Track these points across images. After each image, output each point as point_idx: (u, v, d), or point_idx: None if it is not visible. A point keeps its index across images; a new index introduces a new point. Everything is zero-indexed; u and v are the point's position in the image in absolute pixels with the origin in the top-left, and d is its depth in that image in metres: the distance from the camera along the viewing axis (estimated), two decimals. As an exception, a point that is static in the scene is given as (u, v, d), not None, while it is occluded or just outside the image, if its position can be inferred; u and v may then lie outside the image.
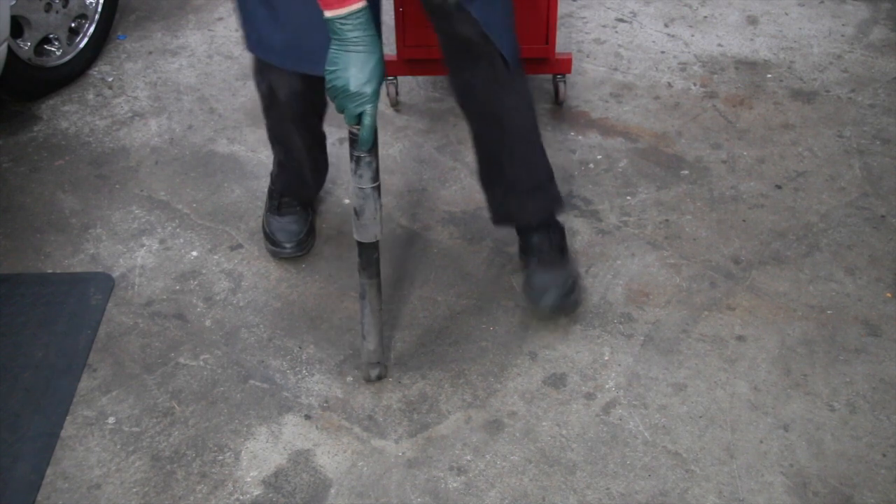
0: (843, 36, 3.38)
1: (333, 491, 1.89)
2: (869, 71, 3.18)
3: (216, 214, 2.60)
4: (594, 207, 2.60)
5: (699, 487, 1.88)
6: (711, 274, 2.38)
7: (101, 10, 3.23)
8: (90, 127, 2.96)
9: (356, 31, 1.63)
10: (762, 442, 1.97)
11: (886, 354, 2.16)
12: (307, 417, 2.04)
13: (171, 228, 2.56)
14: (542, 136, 2.24)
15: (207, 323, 2.27)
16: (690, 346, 2.19)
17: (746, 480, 1.89)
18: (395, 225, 2.55)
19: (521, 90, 2.14)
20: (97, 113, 3.03)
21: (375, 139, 1.75)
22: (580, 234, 2.51)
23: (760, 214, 2.57)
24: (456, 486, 1.89)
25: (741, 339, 2.20)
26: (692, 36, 3.39)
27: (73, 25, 3.14)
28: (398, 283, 2.37)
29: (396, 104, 3.00)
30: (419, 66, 2.90)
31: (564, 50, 3.27)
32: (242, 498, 1.88)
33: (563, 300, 2.20)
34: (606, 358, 2.16)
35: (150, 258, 2.46)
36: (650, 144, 2.85)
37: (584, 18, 3.51)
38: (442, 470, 1.92)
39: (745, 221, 2.55)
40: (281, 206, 2.45)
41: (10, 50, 2.81)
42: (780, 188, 2.67)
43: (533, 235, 2.28)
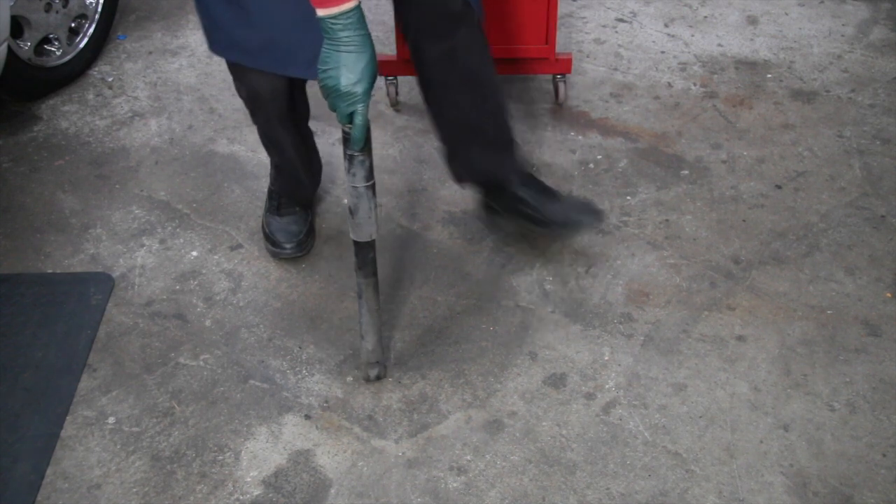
0: (843, 36, 3.38)
1: (333, 491, 1.89)
2: (869, 71, 3.18)
3: (216, 214, 2.60)
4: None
5: (699, 487, 1.88)
6: (711, 274, 2.38)
7: (101, 10, 3.23)
8: (90, 127, 2.96)
9: (347, 30, 1.63)
10: (762, 442, 1.97)
11: (886, 354, 2.16)
12: (307, 417, 2.04)
13: (171, 228, 2.56)
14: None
15: (207, 323, 2.27)
16: (690, 346, 2.19)
17: (746, 480, 1.89)
18: (394, 225, 2.55)
19: (487, 46, 2.22)
20: (97, 113, 3.03)
21: (368, 138, 1.75)
22: (580, 233, 2.51)
23: (760, 214, 2.57)
24: (456, 486, 1.89)
25: (741, 339, 2.21)
26: (692, 36, 3.39)
27: (73, 25, 3.15)
28: (398, 282, 2.37)
29: (396, 104, 3.00)
30: (419, 66, 2.90)
31: (564, 50, 3.27)
32: (242, 498, 1.88)
33: (588, 214, 2.30)
34: (606, 358, 2.16)
35: (150, 258, 2.46)
36: (650, 144, 2.85)
37: (584, 18, 3.51)
38: (442, 470, 1.92)
39: (745, 221, 2.55)
40: (280, 206, 2.45)
41: (10, 50, 2.81)
42: (780, 188, 2.67)
43: (519, 189, 2.30)
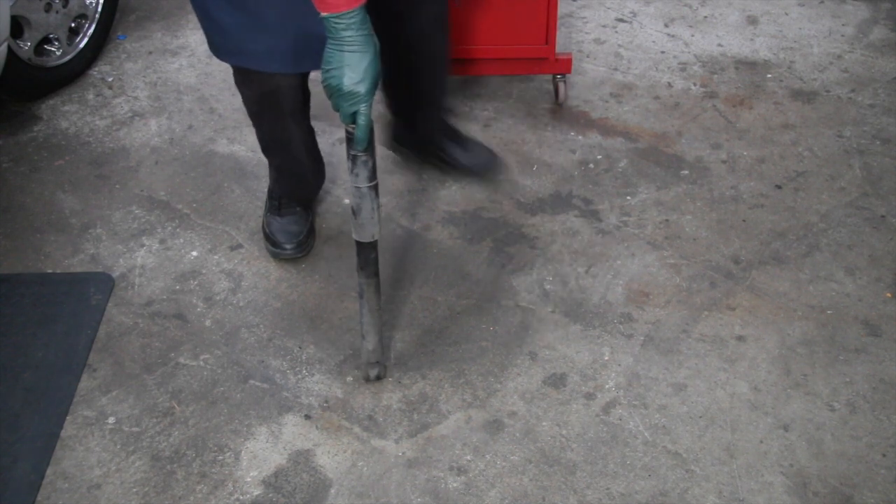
0: (843, 36, 3.38)
1: (333, 491, 1.89)
2: (869, 71, 3.18)
3: (216, 214, 2.60)
4: (594, 207, 2.60)
5: (699, 487, 1.88)
6: (711, 274, 2.38)
7: (101, 10, 3.23)
8: (90, 127, 2.96)
9: (349, 30, 1.63)
10: (762, 442, 1.97)
11: (886, 354, 2.16)
12: (307, 417, 2.04)
13: (171, 228, 2.56)
14: None
15: (207, 323, 2.27)
16: (690, 346, 2.19)
17: (746, 480, 1.89)
18: (394, 225, 2.55)
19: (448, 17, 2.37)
20: (97, 113, 3.03)
21: (372, 138, 1.75)
22: (580, 234, 2.51)
23: (760, 214, 2.57)
24: (456, 486, 1.89)
25: (741, 339, 2.21)
26: (692, 36, 3.39)
27: (73, 25, 3.14)
28: (398, 283, 2.37)
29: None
30: (419, 66, 2.90)
31: (564, 50, 3.27)
32: (242, 498, 1.88)
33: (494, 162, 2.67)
34: (606, 358, 2.16)
35: (150, 258, 2.46)
36: (650, 144, 2.85)
37: (584, 18, 3.51)
38: (442, 470, 1.92)
39: (745, 221, 2.55)
40: (281, 206, 2.45)
41: (10, 50, 2.81)
42: (780, 188, 2.67)
43: (442, 142, 2.61)
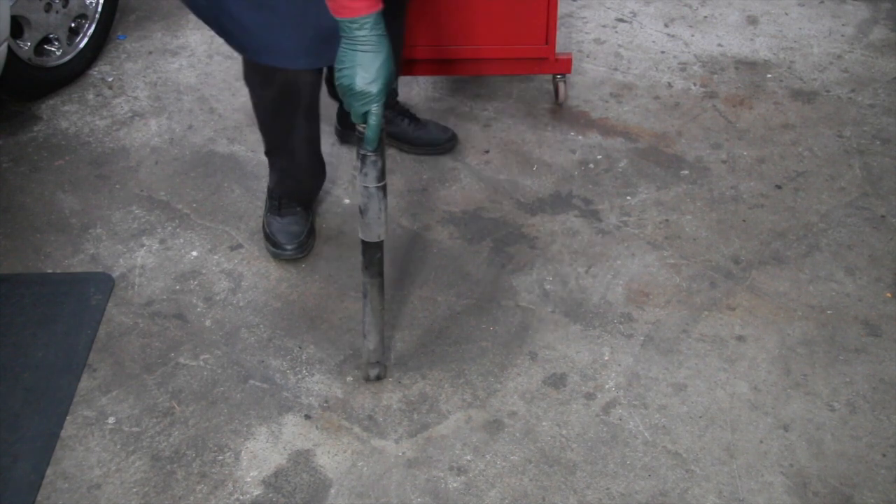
0: (843, 36, 3.38)
1: (333, 491, 1.89)
2: (869, 71, 3.18)
3: (216, 214, 2.60)
4: (594, 207, 2.60)
5: (699, 487, 1.88)
6: (711, 274, 2.38)
7: (101, 10, 3.23)
8: (90, 127, 2.96)
9: (363, 30, 1.64)
10: (762, 442, 1.97)
11: (886, 354, 2.16)
12: (307, 417, 2.04)
13: (171, 228, 2.55)
14: None
15: (207, 323, 2.27)
16: (690, 346, 2.19)
17: (746, 480, 1.89)
18: (395, 225, 2.55)
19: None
20: (97, 113, 3.03)
21: (382, 139, 1.75)
22: (580, 234, 2.51)
23: (760, 214, 2.57)
24: (456, 486, 1.89)
25: (741, 339, 2.20)
26: (692, 36, 3.39)
27: (73, 25, 3.14)
28: (398, 283, 2.37)
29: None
30: (419, 65, 2.90)
31: (564, 50, 3.27)
32: (242, 498, 1.88)
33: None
34: (606, 358, 2.16)
35: (150, 258, 2.46)
36: (650, 144, 2.85)
37: (584, 18, 3.51)
38: (442, 470, 1.92)
39: (745, 221, 2.55)
40: (281, 206, 2.45)
41: (10, 50, 2.81)
42: (780, 188, 2.67)
43: (401, 119, 2.79)
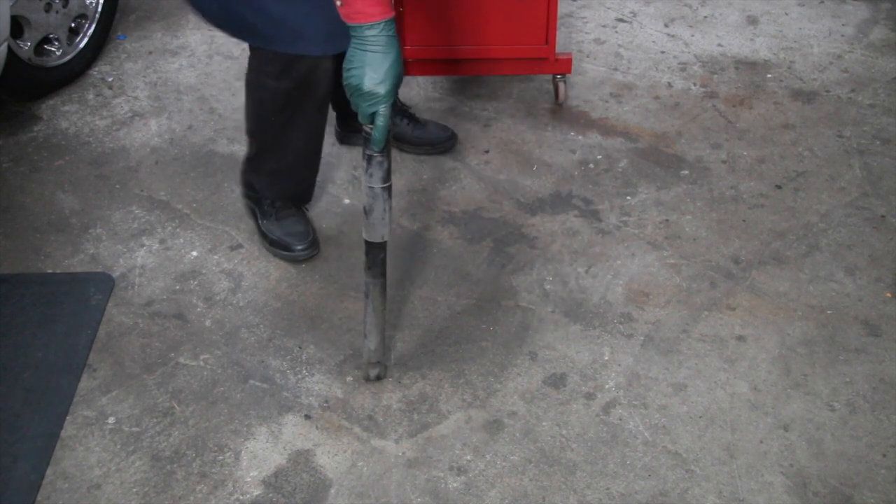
0: (843, 36, 3.38)
1: (333, 491, 1.89)
2: (869, 71, 3.18)
3: (216, 214, 2.60)
4: (594, 207, 2.60)
5: (699, 487, 1.88)
6: (711, 274, 2.38)
7: (101, 10, 3.23)
8: (90, 127, 2.96)
9: (373, 29, 1.64)
10: (762, 442, 1.97)
11: (886, 354, 2.16)
12: (307, 417, 2.04)
13: (171, 228, 2.55)
14: None
15: (207, 323, 2.27)
16: (690, 346, 2.19)
17: (746, 480, 1.89)
18: (395, 225, 2.55)
19: None
20: (97, 113, 3.03)
21: (389, 139, 1.76)
22: (580, 234, 2.51)
23: (760, 214, 2.57)
24: (456, 486, 1.89)
25: (741, 339, 2.20)
26: (692, 36, 3.39)
27: (73, 25, 3.14)
28: (399, 283, 2.36)
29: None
30: (419, 65, 2.90)
31: (564, 50, 3.27)
32: (242, 498, 1.88)
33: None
34: (606, 358, 2.16)
35: (150, 258, 2.46)
36: (650, 144, 2.85)
37: (584, 18, 3.51)
38: (442, 470, 1.92)
39: (745, 221, 2.55)
40: (277, 210, 2.44)
41: (10, 50, 2.81)
42: (780, 188, 2.67)
43: (402, 120, 2.79)
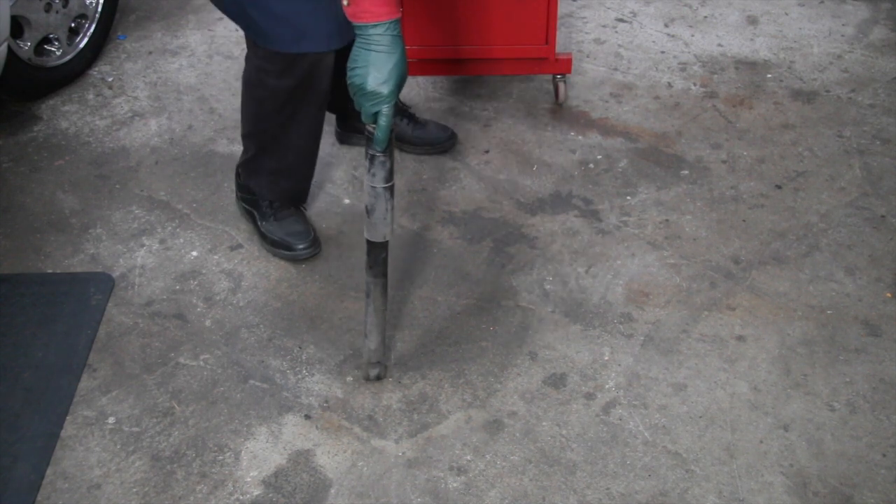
0: (843, 36, 3.38)
1: (333, 491, 1.89)
2: (869, 71, 3.18)
3: (216, 214, 2.60)
4: (594, 207, 2.60)
5: (699, 487, 1.88)
6: (711, 274, 2.38)
7: (101, 10, 3.23)
8: (90, 127, 2.96)
9: (378, 28, 1.64)
10: (762, 442, 1.97)
11: (886, 354, 2.16)
12: (307, 417, 2.04)
13: (171, 228, 2.55)
14: None
15: (207, 323, 2.27)
16: (690, 346, 2.19)
17: (746, 480, 1.89)
18: (395, 225, 2.55)
19: None
20: (97, 113, 3.03)
21: (391, 139, 1.76)
22: (580, 234, 2.51)
23: (760, 214, 2.57)
24: (456, 486, 1.89)
25: (741, 339, 2.20)
26: (692, 36, 3.39)
27: (73, 25, 3.14)
28: (399, 283, 2.36)
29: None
30: (419, 65, 2.90)
31: (564, 50, 3.27)
32: (242, 498, 1.88)
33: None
34: (606, 358, 2.16)
35: (150, 258, 2.46)
36: (650, 144, 2.85)
37: (584, 18, 3.51)
38: (442, 470, 1.92)
39: (745, 221, 2.55)
40: (275, 210, 2.44)
41: (10, 50, 2.81)
42: (780, 188, 2.67)
43: (401, 120, 2.78)
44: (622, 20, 3.50)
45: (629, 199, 2.63)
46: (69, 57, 3.12)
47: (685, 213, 2.58)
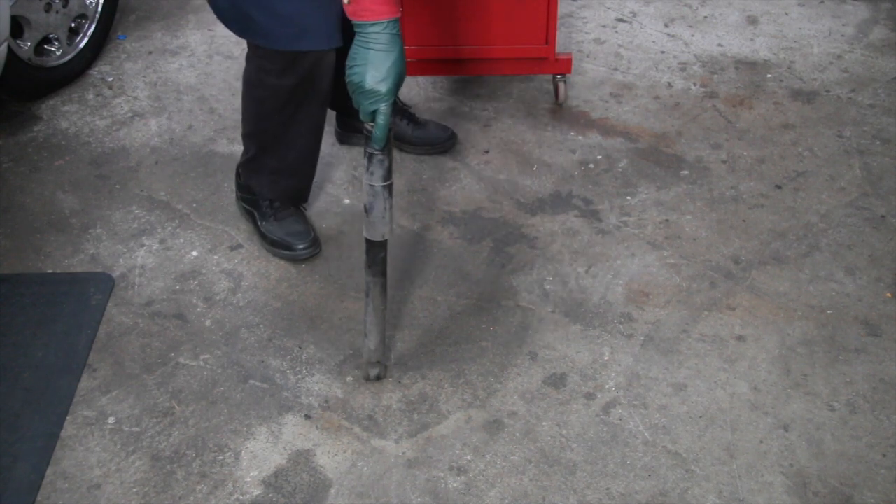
0: (843, 36, 3.38)
1: (333, 491, 1.89)
2: (869, 71, 3.18)
3: (216, 214, 2.60)
4: (594, 207, 2.60)
5: (699, 487, 1.88)
6: (711, 274, 2.38)
7: (101, 10, 3.23)
8: (90, 127, 2.96)
9: (377, 27, 1.64)
10: (762, 442, 1.97)
11: (886, 354, 2.16)
12: (307, 417, 2.04)
13: (171, 228, 2.56)
14: None
15: (207, 323, 2.27)
16: (690, 346, 2.19)
17: (746, 480, 1.89)
18: (395, 225, 2.55)
19: None
20: (97, 113, 3.03)
21: (390, 138, 1.76)
22: (580, 234, 2.51)
23: (760, 214, 2.57)
24: (456, 486, 1.89)
25: (741, 339, 2.20)
26: (692, 36, 3.39)
27: (73, 25, 3.15)
28: (399, 283, 2.36)
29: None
30: (419, 65, 2.90)
31: (564, 50, 3.27)
32: (242, 498, 1.88)
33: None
34: (606, 358, 2.16)
35: (150, 258, 2.46)
36: (650, 144, 2.85)
37: (584, 18, 3.51)
38: (442, 470, 1.92)
39: (745, 221, 2.55)
40: (276, 210, 2.44)
41: (10, 50, 2.81)
42: (780, 188, 2.67)
43: (401, 120, 2.77)
44: (622, 20, 3.50)
45: (629, 199, 2.63)
46: (69, 57, 3.12)
47: (685, 213, 2.58)
